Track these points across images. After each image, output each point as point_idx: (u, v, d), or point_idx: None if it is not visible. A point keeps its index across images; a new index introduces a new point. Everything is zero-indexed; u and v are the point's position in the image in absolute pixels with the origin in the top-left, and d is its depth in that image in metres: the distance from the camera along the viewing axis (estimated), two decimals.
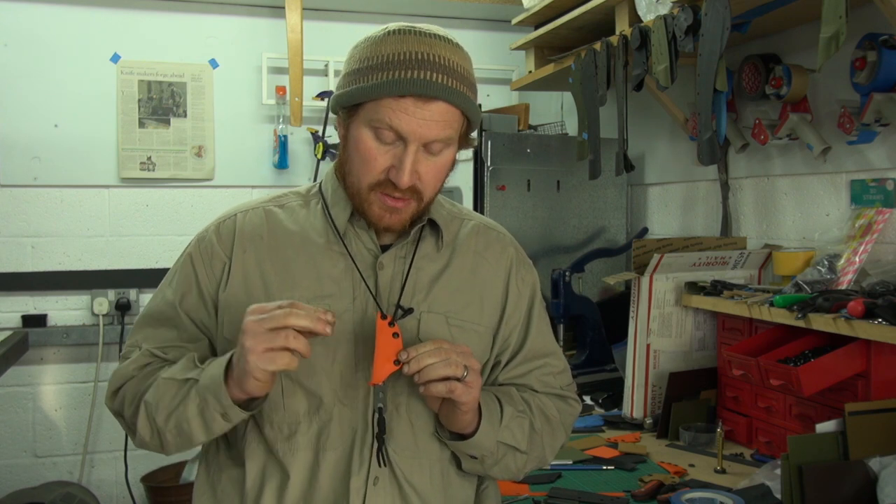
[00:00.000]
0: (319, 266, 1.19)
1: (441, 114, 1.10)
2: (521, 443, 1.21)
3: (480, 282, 1.27)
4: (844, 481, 1.36)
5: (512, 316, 1.29)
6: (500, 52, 3.14)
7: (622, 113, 2.12)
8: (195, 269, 1.22)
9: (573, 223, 2.75)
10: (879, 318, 1.47)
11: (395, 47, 1.10)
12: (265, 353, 1.00)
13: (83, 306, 3.09)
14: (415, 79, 1.08)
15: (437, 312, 1.21)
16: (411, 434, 1.18)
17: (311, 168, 3.23)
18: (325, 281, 1.18)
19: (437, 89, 1.08)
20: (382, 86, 1.08)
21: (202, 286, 1.21)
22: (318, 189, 1.29)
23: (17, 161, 2.99)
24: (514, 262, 1.32)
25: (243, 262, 1.20)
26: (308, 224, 1.23)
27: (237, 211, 1.27)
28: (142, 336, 1.23)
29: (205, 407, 1.08)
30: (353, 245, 1.21)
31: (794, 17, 1.94)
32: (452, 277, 1.24)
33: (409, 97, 1.08)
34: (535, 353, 1.30)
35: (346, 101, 1.13)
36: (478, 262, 1.28)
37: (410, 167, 1.10)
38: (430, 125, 1.09)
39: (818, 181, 2.03)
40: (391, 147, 1.11)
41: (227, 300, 1.18)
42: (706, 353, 2.11)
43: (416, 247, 1.23)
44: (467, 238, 1.29)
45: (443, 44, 1.12)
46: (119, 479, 3.11)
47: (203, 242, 1.24)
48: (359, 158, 1.14)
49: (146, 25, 3.11)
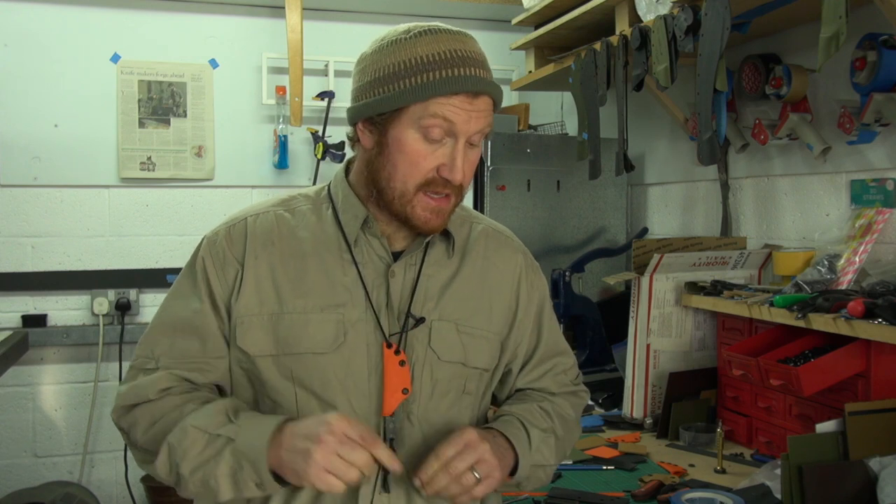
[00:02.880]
0: (332, 274, 1.18)
1: (486, 107, 1.15)
2: (549, 458, 1.25)
3: (489, 288, 1.27)
4: (844, 481, 1.36)
5: (522, 322, 1.30)
6: (500, 52, 3.14)
7: (622, 113, 2.12)
8: (208, 274, 1.19)
9: (573, 223, 2.75)
10: (879, 318, 1.47)
11: (431, 47, 1.12)
12: (327, 475, 1.01)
13: (83, 306, 3.08)
14: (466, 76, 1.11)
15: (448, 320, 1.21)
16: (422, 442, 1.18)
17: (311, 168, 3.23)
18: (337, 289, 1.17)
19: (485, 84, 1.14)
20: (433, 85, 1.10)
21: (216, 293, 1.18)
22: (327, 193, 1.26)
23: (17, 161, 2.99)
24: (524, 269, 1.32)
25: (256, 268, 1.18)
26: (320, 230, 1.21)
27: (247, 214, 1.24)
28: (160, 348, 1.18)
29: (238, 470, 1.06)
30: (365, 253, 1.20)
31: (794, 17, 1.94)
32: (462, 284, 1.24)
33: (461, 94, 1.11)
34: (548, 354, 1.33)
35: (388, 107, 1.12)
36: (487, 267, 1.28)
37: (461, 164, 1.13)
38: (479, 119, 1.14)
39: (818, 181, 2.03)
40: (439, 146, 1.13)
41: (239, 310, 1.16)
42: (706, 353, 2.11)
43: (425, 253, 1.23)
44: (476, 242, 1.29)
45: (470, 40, 1.17)
46: (119, 479, 3.11)
47: (214, 247, 1.21)
48: (405, 161, 1.13)
49: (146, 25, 3.11)
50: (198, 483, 1.09)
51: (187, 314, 1.18)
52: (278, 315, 1.16)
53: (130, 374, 1.19)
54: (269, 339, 1.16)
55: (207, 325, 1.17)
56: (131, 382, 1.17)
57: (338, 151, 3.13)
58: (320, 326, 1.15)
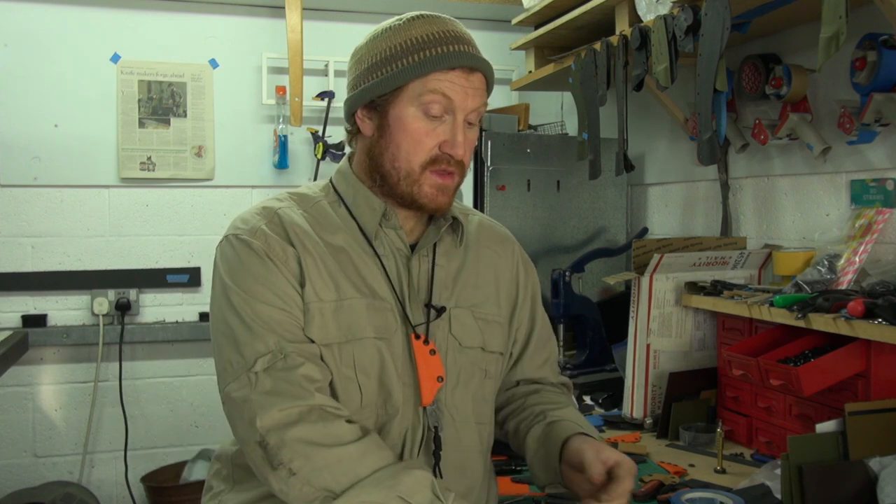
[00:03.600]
0: (361, 267, 1.19)
1: (481, 84, 1.19)
2: None
3: (494, 276, 1.32)
4: (844, 481, 1.35)
5: (522, 307, 1.36)
6: (500, 52, 3.14)
7: (622, 113, 2.12)
8: (276, 264, 1.13)
9: (573, 223, 2.75)
10: (879, 318, 1.47)
11: (425, 28, 1.15)
12: None
13: (83, 306, 3.08)
14: (461, 52, 1.15)
15: (464, 307, 1.25)
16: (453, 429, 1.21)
17: (311, 168, 3.23)
18: (368, 281, 1.18)
19: (479, 61, 1.17)
20: (431, 60, 1.13)
21: (292, 285, 1.13)
22: (333, 189, 1.27)
23: (17, 161, 2.99)
24: (521, 260, 1.39)
25: (308, 258, 1.16)
26: (342, 225, 1.21)
27: (273, 208, 1.20)
28: (271, 342, 1.09)
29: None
30: (385, 245, 1.22)
31: (794, 17, 1.93)
32: (471, 272, 1.29)
33: (457, 69, 1.14)
34: (543, 339, 1.40)
35: (388, 87, 1.15)
36: (490, 256, 1.33)
37: (462, 139, 1.16)
38: (475, 96, 1.17)
39: (818, 181, 2.03)
40: (439, 123, 1.15)
41: (306, 297, 1.13)
42: (706, 353, 2.11)
43: (436, 244, 1.26)
44: (476, 233, 1.33)
45: (459, 24, 1.21)
46: (119, 479, 3.11)
47: (267, 238, 1.15)
48: (408, 139, 1.16)
49: (146, 25, 3.11)
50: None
51: (274, 313, 1.11)
52: (338, 302, 1.15)
53: (237, 382, 1.07)
54: (332, 326, 1.14)
55: (295, 323, 1.13)
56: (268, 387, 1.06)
57: (338, 151, 3.13)
58: (377, 313, 1.17)
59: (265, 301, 1.11)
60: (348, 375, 1.14)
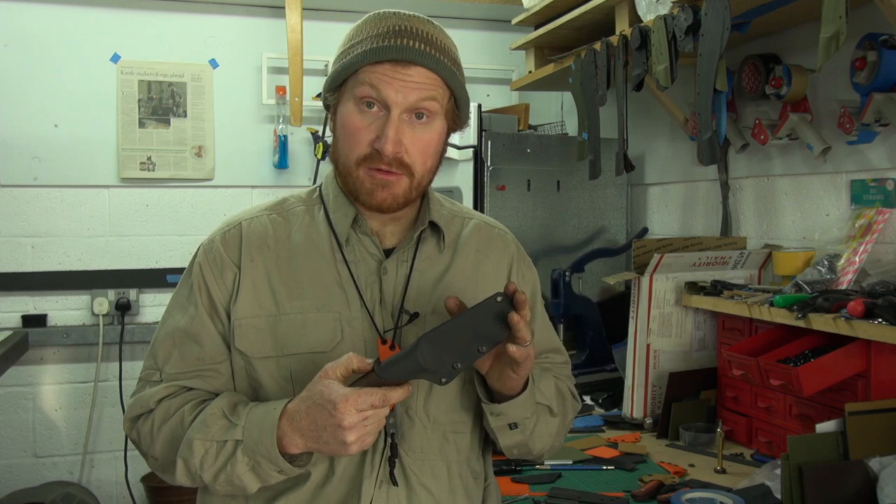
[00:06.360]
0: (326, 274, 1.19)
1: (420, 78, 1.13)
2: (551, 401, 1.24)
3: (482, 280, 1.27)
4: (844, 481, 1.36)
5: None
6: (500, 52, 3.13)
7: (622, 113, 2.12)
8: (206, 281, 1.20)
9: (573, 223, 2.75)
10: (879, 318, 1.47)
11: (374, 24, 1.16)
12: (366, 440, 1.04)
13: (83, 306, 3.08)
14: (391, 45, 1.12)
15: (441, 313, 1.20)
16: (425, 436, 1.19)
17: (311, 168, 3.23)
18: (332, 289, 1.18)
19: (413, 54, 1.12)
20: (362, 56, 1.13)
21: (215, 298, 1.19)
22: (318, 193, 1.28)
23: (17, 161, 2.99)
24: (515, 260, 1.34)
25: (252, 272, 1.19)
26: (313, 231, 1.22)
27: (241, 219, 1.25)
28: (162, 357, 1.20)
29: (256, 466, 1.08)
30: (357, 251, 1.21)
31: (794, 17, 1.94)
32: (455, 277, 1.25)
33: (386, 63, 1.12)
34: (540, 349, 1.33)
35: (330, 84, 1.18)
36: (479, 260, 1.29)
37: (393, 135, 1.12)
38: (410, 89, 1.12)
39: (818, 181, 2.03)
40: (376, 119, 1.13)
41: (238, 312, 1.17)
42: (706, 353, 2.11)
43: (416, 249, 1.23)
44: (469, 237, 1.30)
45: (423, 21, 1.18)
46: (119, 479, 3.11)
47: (211, 253, 1.22)
48: (346, 135, 1.16)
49: (146, 25, 3.11)
50: (224, 485, 1.11)
51: (185, 322, 1.19)
52: (276, 317, 1.17)
53: (138, 387, 1.21)
54: (267, 340, 1.17)
55: (205, 330, 1.18)
56: (138, 394, 1.19)
57: None
58: (318, 326, 1.16)
59: (177, 325, 1.20)
60: (286, 388, 1.16)
